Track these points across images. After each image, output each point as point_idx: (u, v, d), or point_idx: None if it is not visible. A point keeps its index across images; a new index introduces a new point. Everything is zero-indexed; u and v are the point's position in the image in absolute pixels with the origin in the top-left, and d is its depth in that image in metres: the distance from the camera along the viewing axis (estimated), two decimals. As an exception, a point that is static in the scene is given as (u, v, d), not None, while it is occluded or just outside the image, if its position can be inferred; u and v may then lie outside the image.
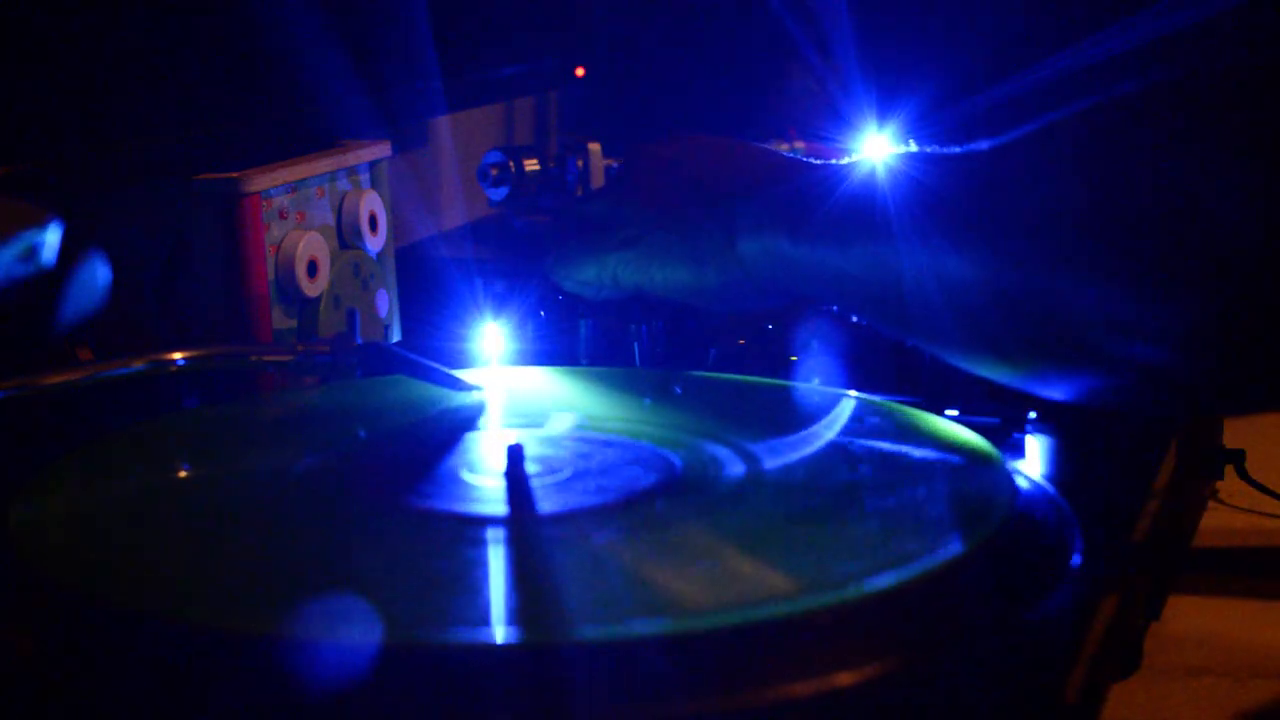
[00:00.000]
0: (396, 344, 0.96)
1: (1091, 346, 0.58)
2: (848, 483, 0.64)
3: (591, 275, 0.81)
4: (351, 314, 0.92)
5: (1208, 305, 0.54)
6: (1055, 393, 0.64)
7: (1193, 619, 0.71)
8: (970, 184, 0.63)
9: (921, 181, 0.64)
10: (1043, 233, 0.59)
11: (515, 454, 0.65)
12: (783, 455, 0.67)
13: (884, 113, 1.25)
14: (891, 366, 0.80)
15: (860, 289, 0.68)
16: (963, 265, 0.61)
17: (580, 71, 1.44)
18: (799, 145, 1.28)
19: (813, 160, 0.77)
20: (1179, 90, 0.57)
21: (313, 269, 0.89)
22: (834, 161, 0.74)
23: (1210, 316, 0.54)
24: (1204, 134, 0.55)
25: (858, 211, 0.67)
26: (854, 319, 0.73)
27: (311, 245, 0.89)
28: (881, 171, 0.67)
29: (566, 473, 0.65)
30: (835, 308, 0.74)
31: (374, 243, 0.96)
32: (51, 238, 0.70)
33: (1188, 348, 0.55)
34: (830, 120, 1.30)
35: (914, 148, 0.68)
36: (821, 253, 0.69)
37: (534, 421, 0.73)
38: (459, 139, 1.37)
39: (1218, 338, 0.55)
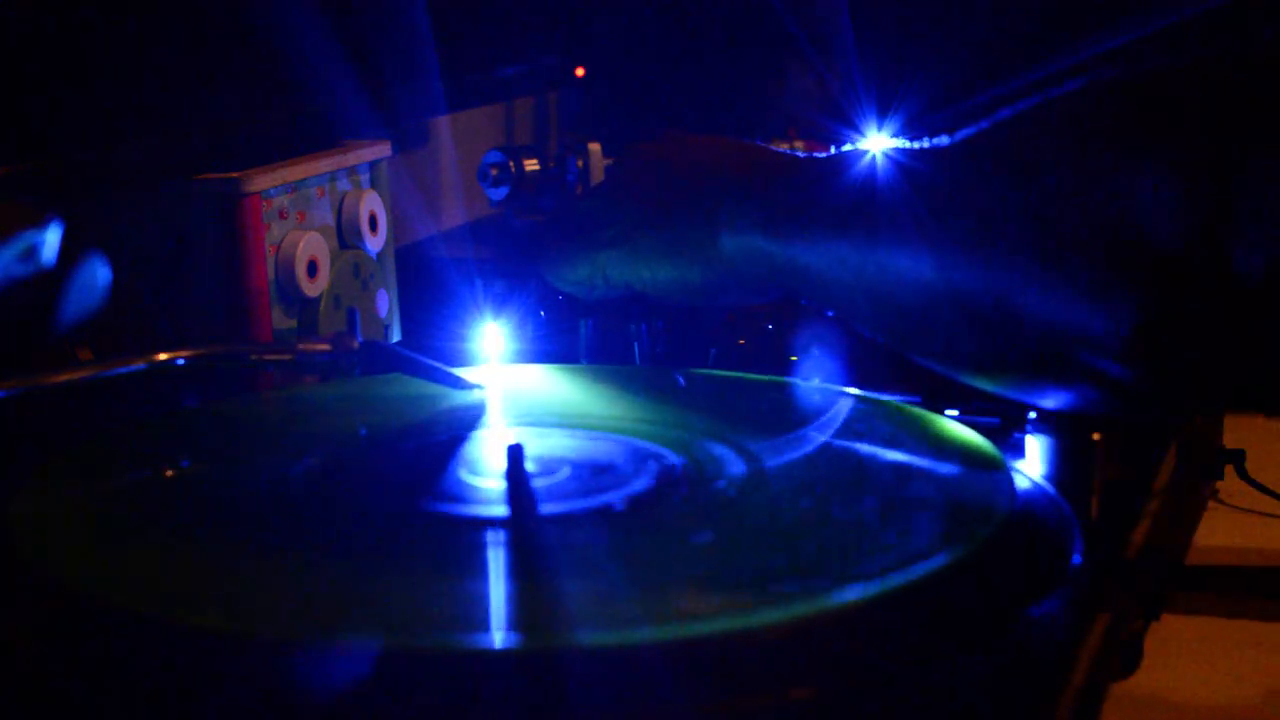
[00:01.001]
0: (396, 343, 0.96)
1: (1042, 351, 0.58)
2: (848, 482, 0.64)
3: (583, 274, 0.82)
4: (351, 314, 0.92)
5: (1142, 310, 0.54)
6: (1019, 396, 0.64)
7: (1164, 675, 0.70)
8: (924, 181, 0.63)
9: (882, 178, 0.65)
10: (987, 235, 0.59)
11: (515, 454, 0.65)
12: (783, 454, 0.67)
13: (883, 112, 1.25)
14: (891, 365, 0.80)
15: (829, 286, 0.68)
16: (914, 264, 0.62)
17: (580, 71, 1.44)
18: (799, 144, 1.28)
19: (799, 154, 0.77)
20: (1113, 94, 0.57)
21: (313, 269, 0.89)
22: (819, 155, 0.74)
23: (1146, 321, 0.54)
24: (1134, 138, 0.55)
25: (823, 208, 0.68)
26: (830, 315, 0.73)
27: (311, 245, 0.89)
28: (852, 167, 0.68)
29: (566, 473, 0.65)
30: (814, 304, 0.74)
31: (374, 243, 0.96)
32: (51, 238, 0.70)
33: (1129, 353, 0.55)
34: (830, 119, 1.30)
35: (896, 143, 0.68)
36: (792, 249, 0.69)
37: (533, 421, 0.73)
38: (459, 139, 1.37)
39: (1155, 343, 0.55)
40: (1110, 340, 0.55)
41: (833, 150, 0.74)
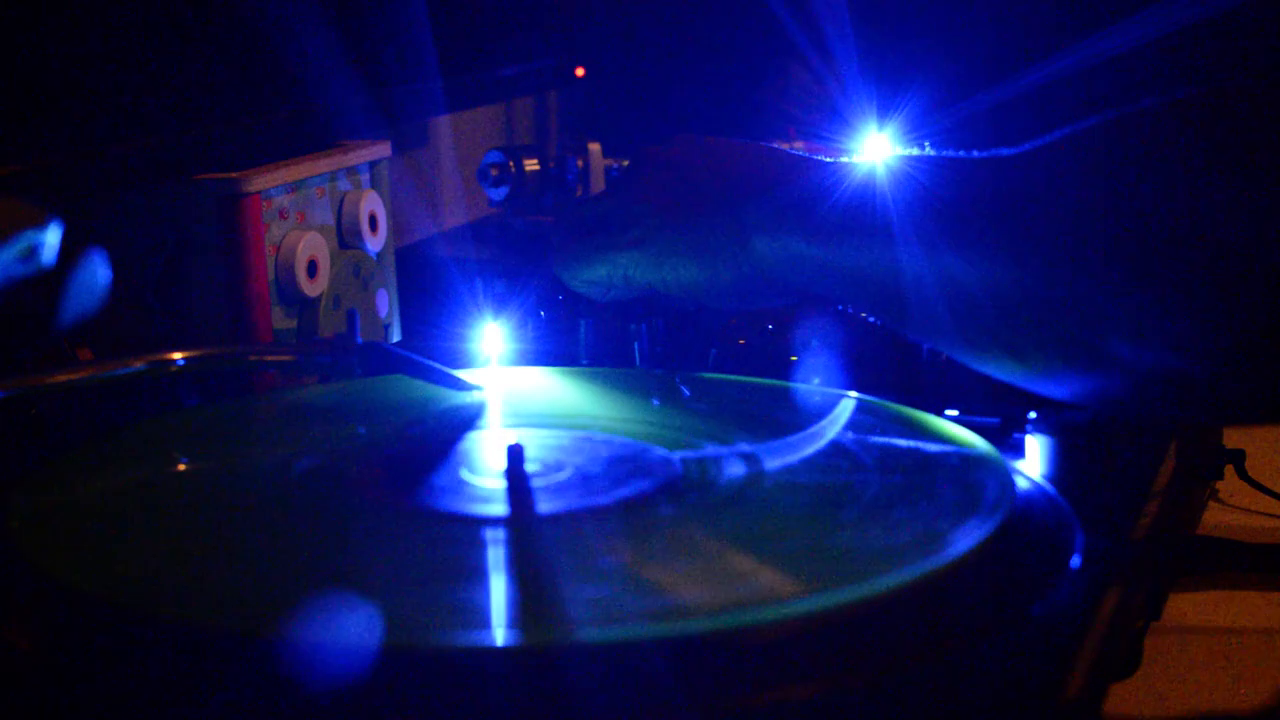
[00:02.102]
0: (396, 344, 0.96)
1: (1111, 351, 0.58)
2: (847, 484, 0.64)
3: (601, 275, 0.81)
4: (351, 314, 0.92)
5: (1227, 320, 0.54)
6: (1065, 392, 0.64)
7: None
8: (994, 190, 0.63)
9: (940, 185, 0.64)
10: (1066, 243, 0.59)
11: (515, 454, 0.65)
12: (783, 456, 0.67)
13: (884, 112, 1.25)
14: (892, 367, 0.80)
15: (875, 290, 0.68)
16: (984, 269, 0.62)
17: (580, 71, 1.44)
18: (799, 145, 1.28)
19: (825, 159, 0.76)
20: (1199, 108, 0.57)
21: (313, 269, 0.89)
22: (848, 160, 0.74)
23: (1230, 331, 0.54)
24: (1223, 154, 0.55)
25: (875, 213, 0.67)
26: (870, 319, 0.73)
27: (311, 245, 0.89)
28: (897, 173, 0.68)
29: (567, 473, 0.65)
30: (850, 307, 0.74)
31: (374, 243, 0.96)
32: (51, 238, 0.70)
33: (1207, 358, 0.55)
34: (830, 120, 1.30)
35: (929, 151, 0.68)
36: (836, 252, 0.69)
37: (533, 421, 0.73)
38: (459, 139, 1.37)
39: (1238, 350, 0.55)
40: (1194, 346, 0.55)
41: (858, 157, 0.74)
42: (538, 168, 1.16)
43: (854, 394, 0.75)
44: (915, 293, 0.65)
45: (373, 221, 0.96)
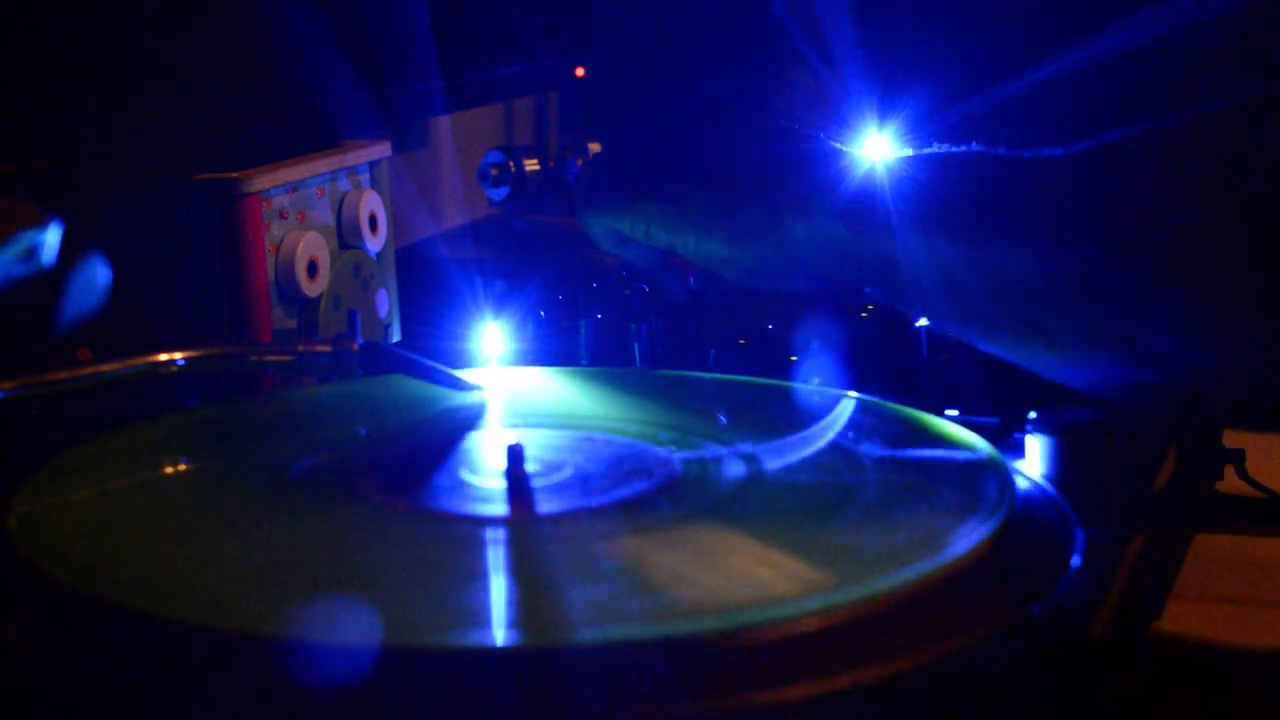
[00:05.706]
0: (396, 344, 0.96)
1: (1148, 344, 0.59)
2: (847, 484, 0.64)
3: (624, 224, 0.78)
4: (351, 314, 0.92)
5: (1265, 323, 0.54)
6: (1089, 381, 0.64)
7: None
8: (1039, 186, 0.64)
9: (979, 180, 0.65)
10: (1111, 240, 0.59)
11: (515, 454, 0.65)
12: (783, 456, 0.67)
13: (884, 112, 1.25)
14: (891, 367, 0.80)
15: (907, 276, 0.68)
16: (1026, 261, 0.62)
17: (580, 71, 1.44)
18: (799, 145, 1.27)
19: (846, 150, 0.75)
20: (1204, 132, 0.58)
21: (313, 269, 0.89)
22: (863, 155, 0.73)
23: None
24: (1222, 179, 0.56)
25: (913, 202, 0.67)
26: (905, 311, 0.72)
27: (311, 245, 0.89)
28: (932, 166, 0.68)
29: (567, 473, 0.65)
30: (884, 298, 0.72)
31: (374, 243, 0.96)
32: (51, 238, 0.70)
33: (1243, 355, 0.56)
34: (830, 120, 1.30)
35: (939, 149, 0.68)
36: (873, 239, 0.68)
37: (533, 422, 0.73)
38: (459, 139, 1.37)
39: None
40: (1256, 346, 0.56)
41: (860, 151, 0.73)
42: (538, 168, 1.17)
43: (854, 394, 0.75)
44: (951, 280, 0.65)
45: (373, 221, 0.96)
